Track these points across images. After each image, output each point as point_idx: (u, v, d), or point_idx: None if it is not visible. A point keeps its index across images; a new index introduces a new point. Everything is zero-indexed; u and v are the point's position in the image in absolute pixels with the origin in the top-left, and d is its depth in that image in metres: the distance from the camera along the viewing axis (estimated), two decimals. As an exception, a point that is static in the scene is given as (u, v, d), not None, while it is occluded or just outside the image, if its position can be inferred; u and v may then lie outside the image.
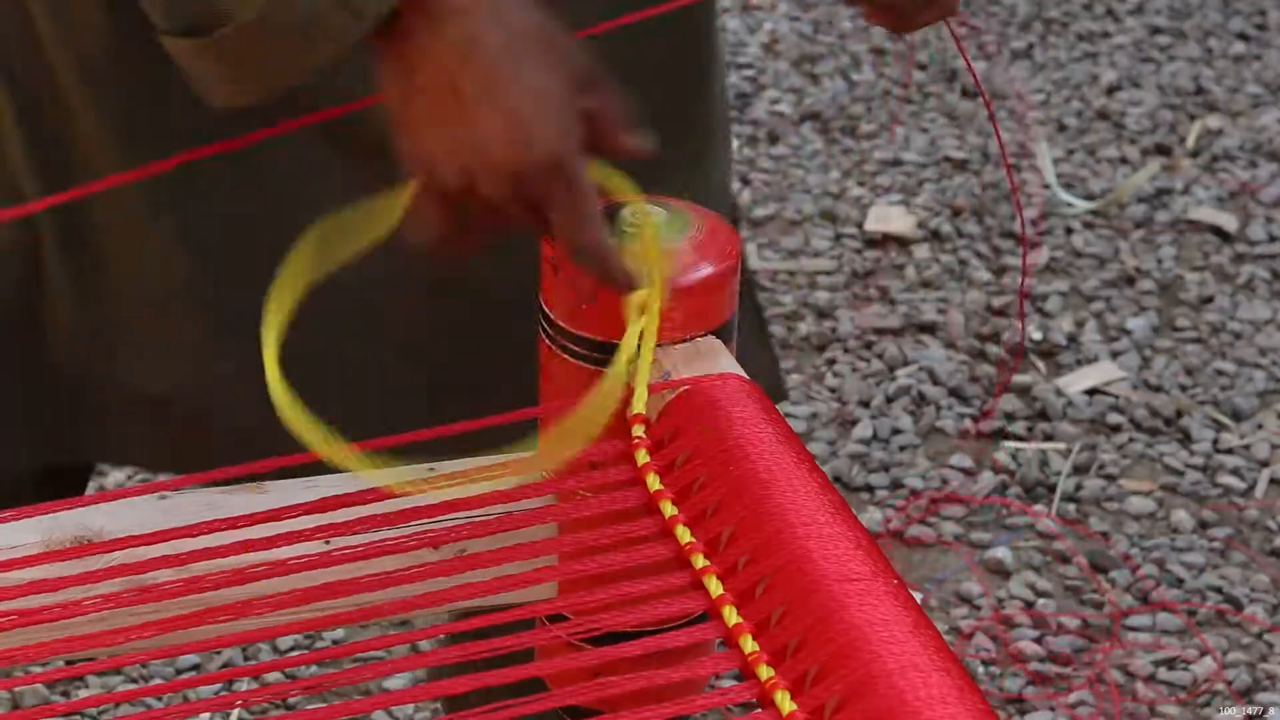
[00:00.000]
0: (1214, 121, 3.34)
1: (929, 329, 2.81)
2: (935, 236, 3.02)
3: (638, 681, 0.85)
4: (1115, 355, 2.76)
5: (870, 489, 2.51)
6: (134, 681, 2.14)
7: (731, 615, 0.87)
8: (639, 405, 1.00)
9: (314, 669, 1.90)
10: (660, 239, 1.02)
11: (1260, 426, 2.63)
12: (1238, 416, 2.65)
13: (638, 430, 1.00)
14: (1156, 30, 3.63)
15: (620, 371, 0.98)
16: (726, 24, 3.61)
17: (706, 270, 1.03)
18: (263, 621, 0.93)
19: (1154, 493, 2.51)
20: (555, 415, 1.06)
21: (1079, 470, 2.55)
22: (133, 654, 0.90)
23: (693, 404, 0.99)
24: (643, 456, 0.98)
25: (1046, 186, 3.14)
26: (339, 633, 2.10)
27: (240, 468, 0.99)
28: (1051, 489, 2.51)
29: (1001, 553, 2.39)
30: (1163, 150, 3.26)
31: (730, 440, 0.96)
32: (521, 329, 1.13)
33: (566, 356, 1.04)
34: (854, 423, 2.62)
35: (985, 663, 2.24)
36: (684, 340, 1.03)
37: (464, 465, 1.04)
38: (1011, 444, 2.58)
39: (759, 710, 0.83)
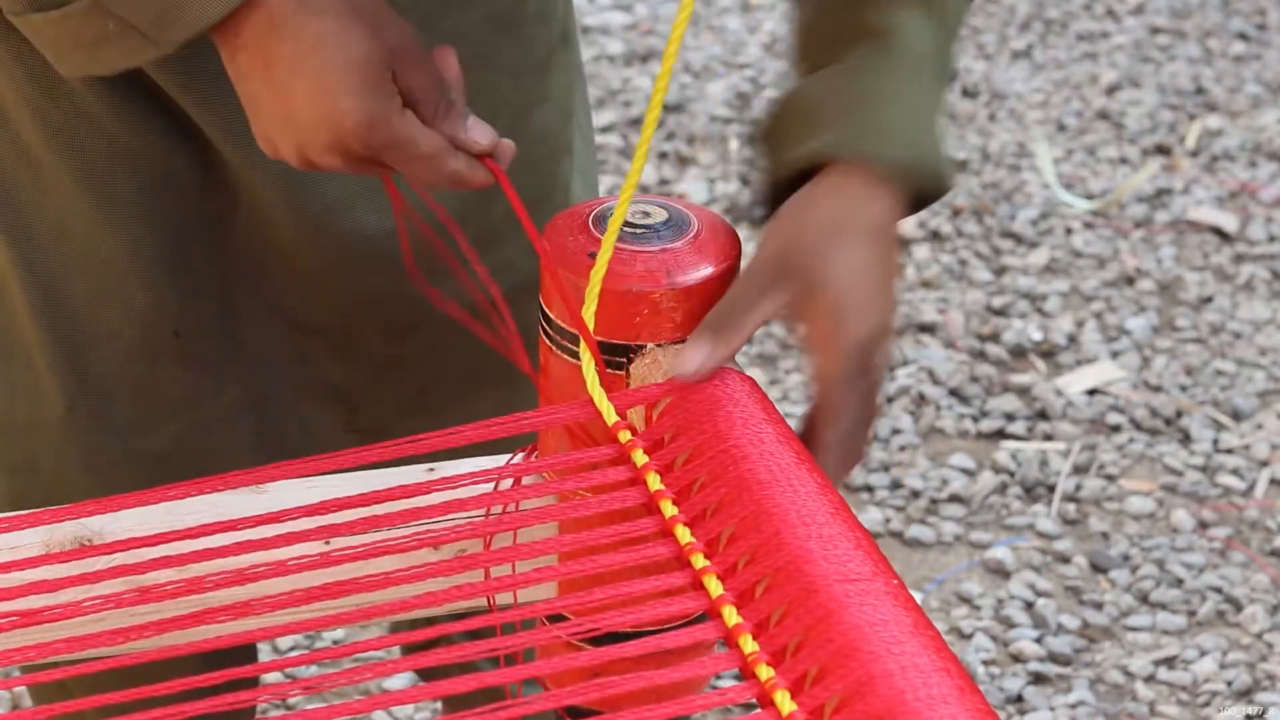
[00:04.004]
0: (1214, 121, 3.34)
1: (929, 329, 2.81)
2: (935, 236, 3.02)
3: (638, 681, 0.85)
4: (1115, 355, 2.76)
5: (870, 489, 2.51)
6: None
7: (731, 615, 0.87)
8: (610, 416, 1.01)
9: (314, 669, 1.90)
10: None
11: (1260, 426, 2.63)
12: (1238, 416, 2.65)
13: (624, 436, 1.00)
14: (1156, 30, 3.63)
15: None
16: (726, 24, 3.61)
17: (706, 270, 1.03)
18: (263, 621, 0.93)
19: (1154, 493, 2.51)
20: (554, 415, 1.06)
21: (1079, 470, 2.55)
22: (133, 654, 0.90)
23: (692, 404, 0.99)
24: (640, 457, 0.98)
25: (1046, 186, 3.14)
26: (339, 633, 2.10)
27: (242, 475, 1.00)
28: (1051, 489, 2.51)
29: (1001, 553, 2.39)
30: (1163, 150, 3.26)
31: (730, 440, 0.96)
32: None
33: (566, 357, 1.04)
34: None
35: (985, 663, 2.25)
36: (684, 340, 1.03)
37: (463, 467, 1.04)
38: (1011, 444, 2.58)
39: (759, 710, 0.83)
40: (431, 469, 1.03)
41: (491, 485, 1.02)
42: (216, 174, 1.18)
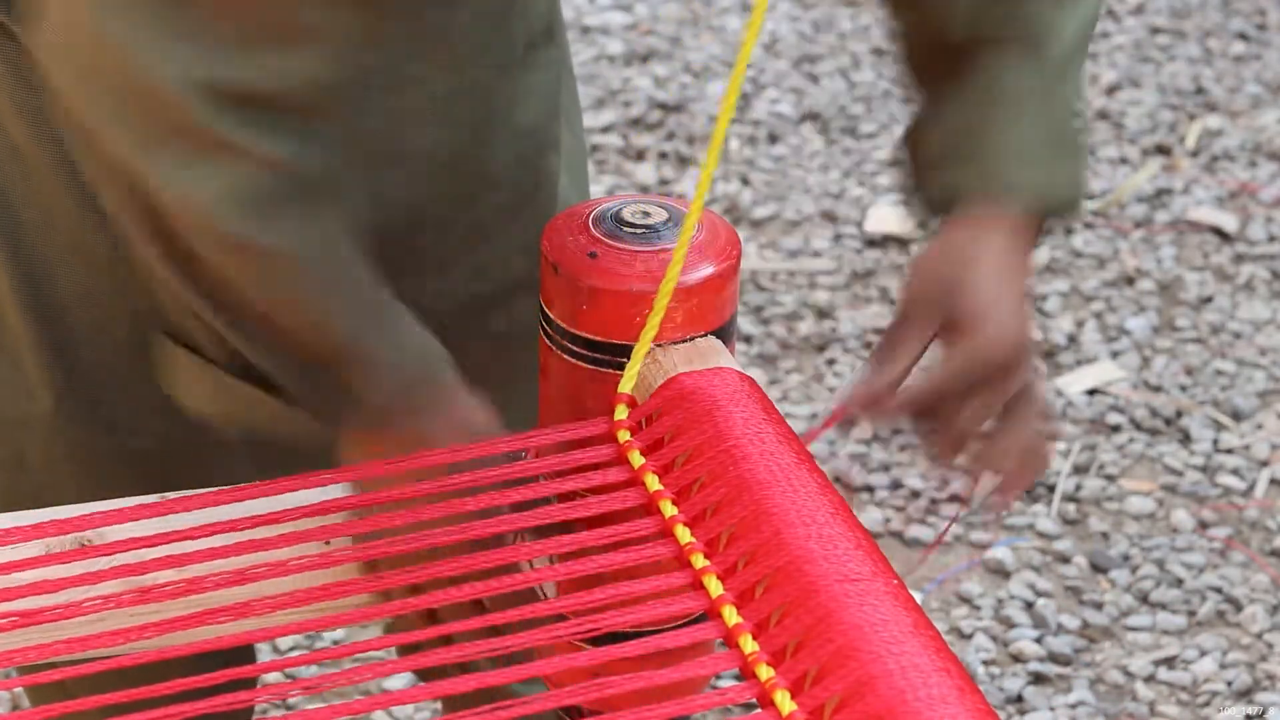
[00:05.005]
0: (1214, 121, 3.34)
1: (929, 329, 2.81)
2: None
3: (638, 681, 0.85)
4: (1115, 355, 2.76)
5: (870, 489, 2.51)
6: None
7: (731, 615, 0.88)
8: (621, 411, 1.01)
9: (314, 669, 1.90)
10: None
11: (1260, 426, 2.63)
12: (1238, 416, 2.65)
13: (623, 436, 1.00)
14: (1156, 30, 3.63)
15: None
16: (726, 24, 3.61)
17: (707, 270, 1.03)
18: (263, 621, 0.93)
19: (1154, 493, 2.51)
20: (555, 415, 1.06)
21: (1079, 470, 2.55)
22: (133, 654, 0.90)
23: (692, 404, 0.99)
24: (637, 459, 0.98)
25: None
26: (339, 633, 2.10)
27: (248, 489, 1.00)
28: (1051, 489, 2.51)
29: (1001, 553, 2.39)
30: (1163, 150, 3.26)
31: (730, 440, 0.96)
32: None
33: (566, 356, 1.04)
34: (854, 423, 2.61)
35: (985, 663, 2.24)
36: (684, 340, 1.03)
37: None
38: (1011, 444, 2.58)
39: (759, 710, 0.83)
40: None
41: (491, 486, 1.02)
42: None
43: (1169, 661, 2.26)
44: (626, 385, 1.01)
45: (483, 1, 1.18)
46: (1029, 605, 2.33)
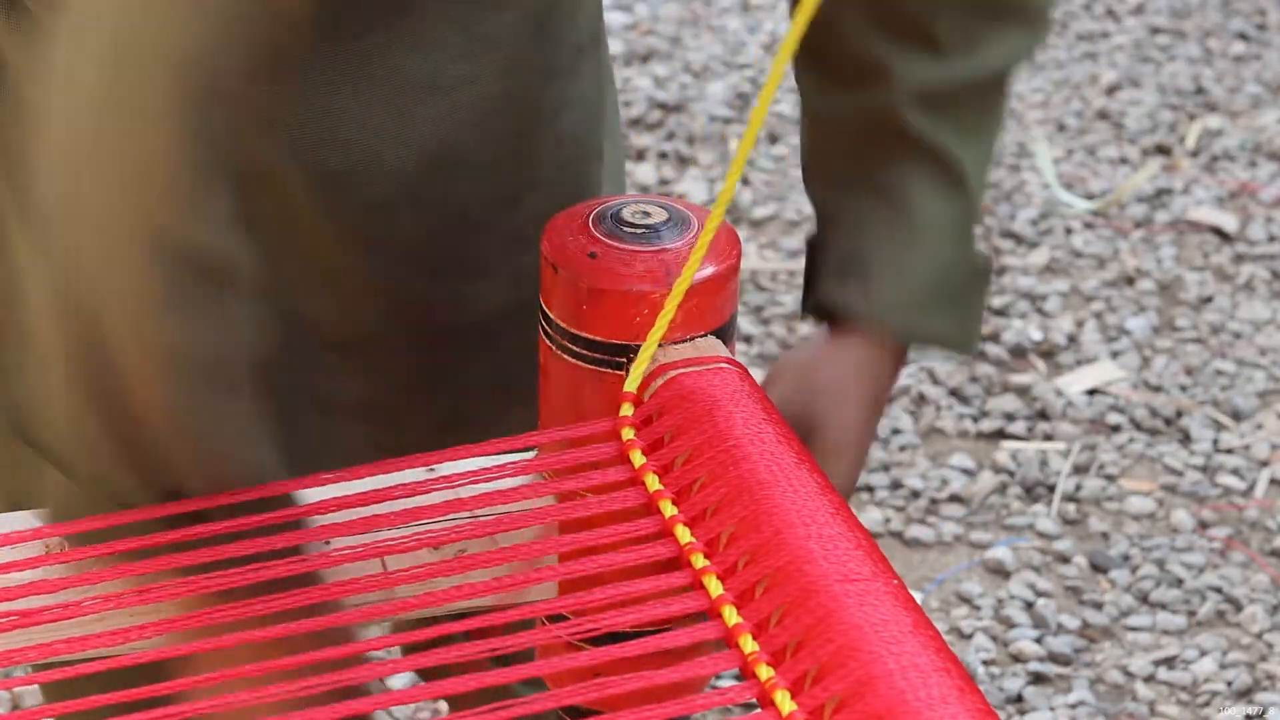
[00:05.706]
0: (1214, 121, 3.34)
1: (929, 329, 2.81)
2: (935, 236, 3.02)
3: (638, 681, 0.85)
4: (1115, 355, 2.76)
5: (870, 489, 2.51)
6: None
7: (731, 615, 0.88)
8: (626, 408, 1.01)
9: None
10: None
11: (1260, 426, 2.63)
12: (1238, 416, 2.65)
13: (627, 434, 1.00)
14: (1156, 30, 3.63)
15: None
16: (726, 24, 3.61)
17: (707, 270, 1.03)
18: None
19: (1154, 493, 2.51)
20: (555, 416, 1.06)
21: (1079, 470, 2.55)
22: (133, 655, 0.90)
23: (692, 404, 0.99)
24: (638, 458, 0.98)
25: (1046, 186, 3.14)
26: (339, 633, 2.09)
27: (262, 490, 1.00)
28: (1051, 489, 2.51)
29: (1001, 553, 2.39)
30: (1163, 150, 3.26)
31: (730, 440, 0.96)
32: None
33: (566, 357, 1.04)
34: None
35: (985, 663, 2.24)
36: (684, 340, 1.03)
37: (463, 467, 1.04)
38: (1011, 444, 2.58)
39: (759, 710, 0.83)
40: (431, 469, 1.03)
41: (491, 485, 1.02)
42: (248, 175, 1.17)
43: (1169, 661, 2.26)
44: (633, 383, 1.01)
45: (529, 6, 1.17)
46: (1029, 605, 2.33)
